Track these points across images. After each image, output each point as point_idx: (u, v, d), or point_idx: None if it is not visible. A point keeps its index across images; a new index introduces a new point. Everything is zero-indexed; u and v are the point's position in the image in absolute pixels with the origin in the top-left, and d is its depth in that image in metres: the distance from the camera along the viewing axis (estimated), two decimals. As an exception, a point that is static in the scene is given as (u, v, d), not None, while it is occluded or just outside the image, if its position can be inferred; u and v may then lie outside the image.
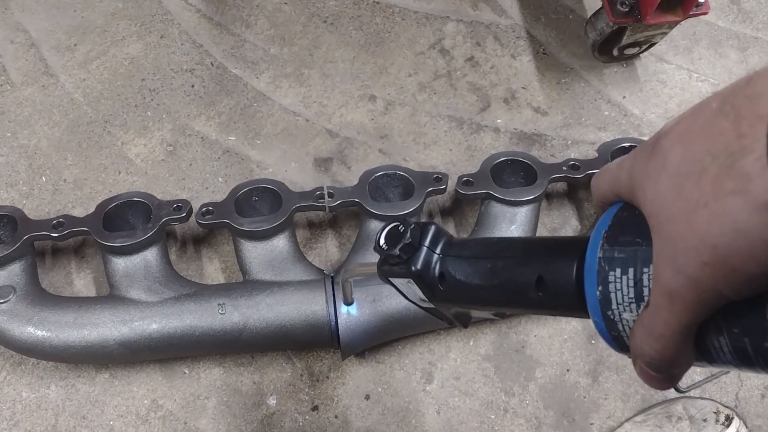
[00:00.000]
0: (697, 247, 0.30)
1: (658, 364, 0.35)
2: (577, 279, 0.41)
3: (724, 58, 1.28)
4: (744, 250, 0.28)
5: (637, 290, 0.36)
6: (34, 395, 0.96)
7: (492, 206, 1.00)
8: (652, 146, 0.35)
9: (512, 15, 1.29)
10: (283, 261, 0.96)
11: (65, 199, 1.09)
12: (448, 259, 0.53)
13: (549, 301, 0.44)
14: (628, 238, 0.37)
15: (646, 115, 1.21)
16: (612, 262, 0.37)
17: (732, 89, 0.30)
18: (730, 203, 0.28)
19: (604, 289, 0.38)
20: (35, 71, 1.20)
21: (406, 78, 1.22)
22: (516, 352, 1.01)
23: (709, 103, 0.32)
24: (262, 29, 1.25)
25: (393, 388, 0.98)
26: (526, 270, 0.45)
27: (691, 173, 0.31)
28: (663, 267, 0.33)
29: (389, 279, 0.57)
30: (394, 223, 0.56)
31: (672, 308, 0.32)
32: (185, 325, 0.90)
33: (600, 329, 0.39)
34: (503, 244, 0.50)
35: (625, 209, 0.39)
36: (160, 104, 1.17)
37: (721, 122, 0.30)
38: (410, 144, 1.16)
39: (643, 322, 0.35)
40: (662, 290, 0.33)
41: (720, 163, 0.29)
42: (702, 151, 0.30)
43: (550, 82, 1.23)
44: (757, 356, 0.31)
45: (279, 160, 1.14)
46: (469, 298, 0.51)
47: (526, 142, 1.17)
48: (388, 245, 0.55)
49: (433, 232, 0.54)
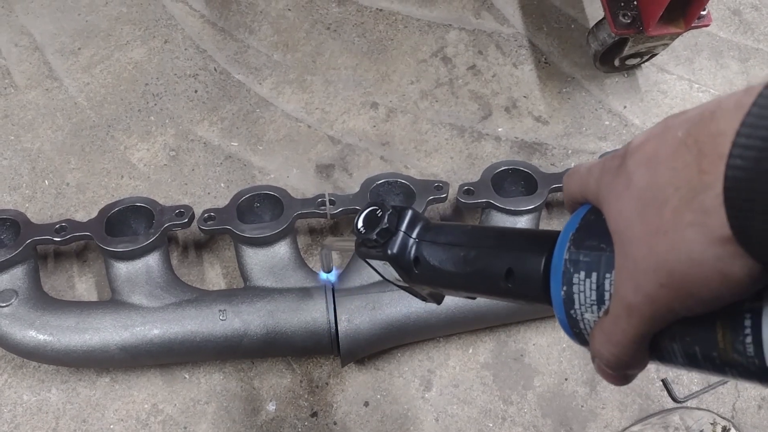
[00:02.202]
0: (655, 270, 0.32)
1: (615, 366, 0.38)
2: (544, 275, 0.44)
3: (725, 69, 1.29)
4: (698, 278, 0.31)
5: (599, 293, 0.38)
6: (35, 398, 0.96)
7: (492, 215, 1.01)
8: (619, 162, 0.37)
9: (514, 24, 1.30)
10: (284, 268, 0.97)
11: (68, 202, 1.09)
12: (423, 244, 0.55)
13: (517, 292, 0.47)
14: (593, 242, 0.39)
15: (646, 125, 1.22)
16: (577, 264, 0.40)
17: (697, 120, 0.32)
18: (689, 234, 0.30)
19: (569, 290, 0.40)
20: (39, 75, 1.20)
21: (408, 85, 1.23)
22: (515, 361, 1.02)
23: (675, 130, 0.33)
24: (266, 35, 1.26)
25: (392, 395, 0.99)
26: (497, 261, 0.48)
27: (654, 200, 0.33)
28: (623, 282, 0.35)
29: (366, 259, 0.59)
30: (371, 207, 0.58)
31: (630, 320, 0.35)
32: (186, 330, 0.91)
33: (563, 325, 0.42)
34: (477, 234, 0.52)
35: (592, 212, 0.41)
36: (164, 109, 1.18)
37: (685, 155, 0.31)
38: (411, 151, 1.17)
39: (602, 327, 0.38)
40: (621, 303, 0.35)
41: (681, 195, 0.31)
42: (665, 180, 0.32)
43: (551, 91, 1.24)
44: (705, 362, 0.34)
45: (281, 166, 1.14)
46: (442, 282, 0.53)
47: (527, 151, 1.18)
48: (365, 228, 0.57)
49: (410, 217, 0.56)
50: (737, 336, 0.32)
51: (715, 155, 0.29)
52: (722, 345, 0.33)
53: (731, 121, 0.29)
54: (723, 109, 0.30)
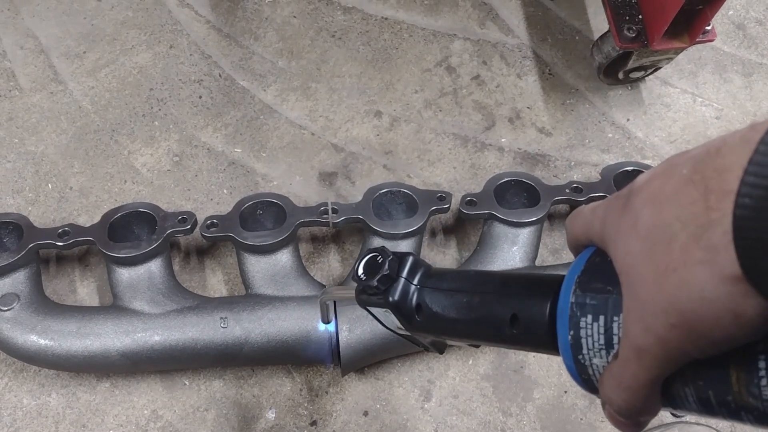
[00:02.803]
0: (665, 310, 0.31)
1: (626, 413, 0.37)
2: (550, 320, 0.42)
3: (728, 83, 1.29)
4: (710, 318, 0.30)
5: (607, 337, 0.37)
6: (35, 402, 0.96)
7: (495, 227, 1.01)
8: (624, 202, 0.36)
9: (519, 34, 1.30)
10: (286, 276, 0.97)
11: (71, 206, 1.10)
12: (425, 290, 0.54)
13: (523, 339, 0.45)
14: (599, 285, 0.38)
15: (649, 138, 1.22)
16: (584, 308, 0.39)
17: (703, 156, 0.31)
18: (698, 273, 0.30)
19: (576, 334, 0.39)
20: (44, 78, 1.21)
21: (412, 94, 1.23)
22: (515, 372, 1.02)
23: (680, 168, 0.33)
24: (271, 42, 1.26)
25: (391, 405, 0.99)
26: (502, 307, 0.46)
27: (661, 238, 0.32)
28: (632, 324, 0.34)
29: (367, 307, 0.58)
30: (372, 253, 0.57)
31: (640, 363, 0.34)
32: (187, 337, 0.91)
33: (571, 371, 0.41)
34: (480, 279, 0.51)
35: (597, 254, 0.40)
36: (168, 114, 1.18)
37: (691, 192, 0.31)
38: (415, 160, 1.17)
39: (612, 372, 0.37)
40: (631, 345, 0.34)
41: (689, 232, 0.30)
42: (672, 217, 0.32)
43: (554, 102, 1.24)
44: (720, 407, 0.33)
45: (284, 173, 1.14)
46: (445, 330, 0.52)
47: (530, 162, 1.18)
48: (366, 275, 0.56)
49: (411, 263, 0.55)
50: (752, 378, 0.31)
51: (722, 192, 0.29)
52: (737, 388, 0.32)
53: (738, 156, 0.29)
54: (728, 145, 0.30)
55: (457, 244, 1.11)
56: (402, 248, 0.99)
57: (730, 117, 1.26)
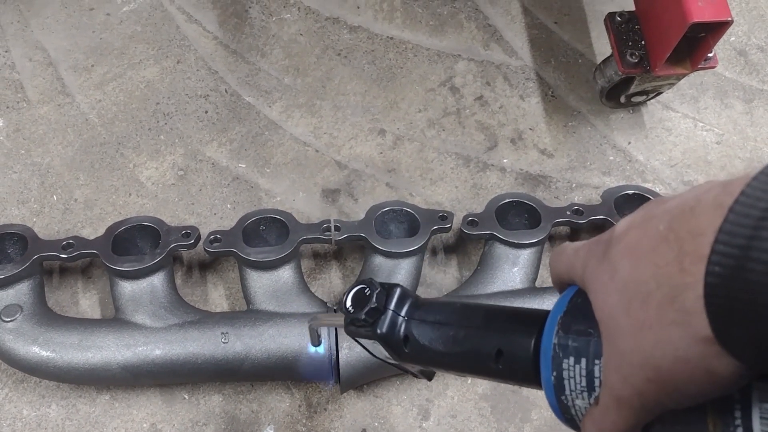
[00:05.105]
0: (642, 365, 0.33)
1: None
2: (534, 356, 0.43)
3: (729, 109, 1.30)
4: (684, 375, 0.31)
5: (588, 380, 0.38)
6: (35, 413, 0.97)
7: (496, 247, 1.02)
8: (604, 249, 0.37)
9: (523, 56, 1.32)
10: (288, 292, 0.98)
11: (75, 218, 1.10)
12: (413, 322, 0.54)
13: (508, 374, 0.46)
14: (581, 327, 0.39)
15: (650, 162, 1.23)
16: (566, 349, 0.39)
17: (678, 213, 0.32)
18: (673, 332, 0.31)
19: (558, 375, 0.40)
20: (52, 90, 1.22)
21: (415, 114, 1.24)
22: (513, 393, 1.02)
23: (656, 222, 0.33)
24: (277, 59, 1.27)
25: (389, 424, 0.99)
26: (486, 342, 0.47)
27: (637, 295, 0.33)
28: (611, 373, 0.35)
29: (356, 338, 0.59)
30: (360, 285, 0.57)
31: (619, 412, 0.35)
32: (188, 352, 0.91)
33: (555, 410, 0.42)
34: (466, 312, 0.52)
35: (579, 295, 0.41)
36: (173, 128, 1.19)
37: (666, 252, 0.32)
38: (417, 179, 1.18)
39: (593, 417, 0.38)
40: (610, 394, 0.35)
41: (664, 293, 0.31)
42: (648, 275, 0.33)
43: (557, 124, 1.25)
44: None
45: (287, 190, 1.15)
46: (433, 361, 0.53)
47: (531, 183, 1.19)
48: (354, 308, 0.56)
49: (398, 295, 0.56)
50: (728, 427, 0.32)
51: (696, 256, 0.30)
52: None
53: (711, 221, 0.30)
54: (702, 205, 0.31)
55: (458, 263, 1.12)
56: (403, 266, 0.99)
57: (731, 142, 1.27)
